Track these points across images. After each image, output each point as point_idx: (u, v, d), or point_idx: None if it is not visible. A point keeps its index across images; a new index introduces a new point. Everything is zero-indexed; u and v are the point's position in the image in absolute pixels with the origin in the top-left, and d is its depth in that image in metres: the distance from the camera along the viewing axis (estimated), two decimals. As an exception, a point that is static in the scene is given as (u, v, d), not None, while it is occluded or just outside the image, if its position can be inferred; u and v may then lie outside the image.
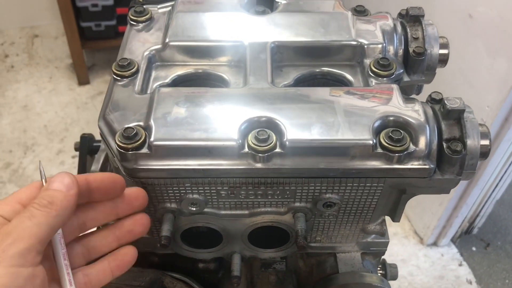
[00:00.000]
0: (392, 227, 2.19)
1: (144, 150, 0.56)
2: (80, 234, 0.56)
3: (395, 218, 0.65)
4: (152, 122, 0.57)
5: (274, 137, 0.56)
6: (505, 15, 1.46)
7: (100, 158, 0.91)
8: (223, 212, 0.64)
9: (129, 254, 0.57)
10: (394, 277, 0.97)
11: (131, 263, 0.58)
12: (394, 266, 0.96)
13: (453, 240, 2.16)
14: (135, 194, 0.57)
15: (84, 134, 1.01)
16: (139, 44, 0.70)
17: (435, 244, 2.15)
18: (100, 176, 0.54)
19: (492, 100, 1.59)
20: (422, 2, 1.81)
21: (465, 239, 2.18)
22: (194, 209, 0.62)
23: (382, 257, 0.95)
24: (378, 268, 0.93)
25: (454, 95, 0.59)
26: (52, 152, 2.41)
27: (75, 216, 0.53)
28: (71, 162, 2.34)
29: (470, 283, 2.05)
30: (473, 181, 1.85)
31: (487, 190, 1.96)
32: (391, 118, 0.57)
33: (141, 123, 0.57)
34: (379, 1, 2.07)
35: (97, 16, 2.49)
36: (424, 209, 2.08)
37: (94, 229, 0.58)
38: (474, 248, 2.16)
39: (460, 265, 2.10)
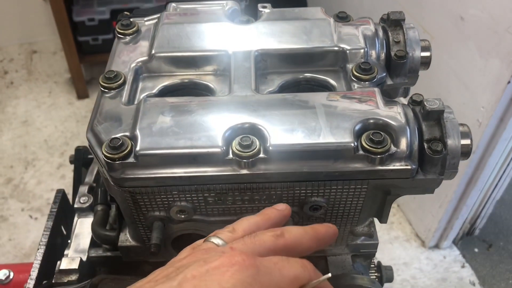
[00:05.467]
0: (393, 230, 2.19)
1: (131, 159, 0.57)
2: None
3: (382, 219, 0.66)
4: (138, 132, 0.58)
5: (258, 143, 0.57)
6: (495, 16, 1.47)
7: (93, 169, 0.93)
8: (212, 218, 0.64)
9: None
10: (390, 279, 0.97)
11: None
12: (389, 268, 0.96)
13: (454, 242, 2.15)
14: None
15: (78, 146, 1.02)
16: (126, 56, 0.71)
17: (437, 246, 2.15)
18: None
19: (486, 100, 1.59)
20: (414, 6, 1.83)
21: (466, 241, 2.17)
22: (182, 216, 0.63)
23: (379, 259, 0.96)
24: (374, 271, 0.94)
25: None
26: (53, 167, 2.42)
27: None
28: (72, 176, 2.35)
29: (474, 284, 2.04)
30: (472, 182, 1.85)
31: (486, 190, 1.96)
32: (372, 121, 0.58)
33: (127, 133, 0.59)
34: (371, 5, 2.09)
35: (94, 30, 2.52)
36: (425, 211, 2.08)
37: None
38: (476, 250, 2.16)
39: (463, 266, 2.10)
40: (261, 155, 0.57)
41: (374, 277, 0.94)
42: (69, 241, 0.85)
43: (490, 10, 1.49)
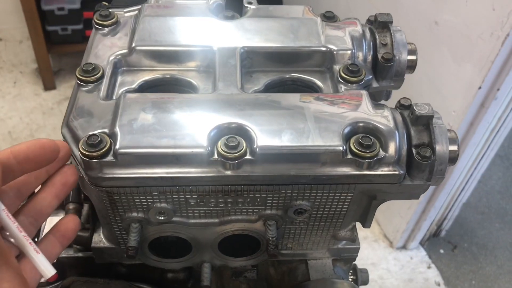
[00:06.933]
0: (362, 231, 2.21)
1: (109, 158, 0.54)
2: (21, 205, 0.52)
3: (366, 224, 0.65)
4: (117, 129, 0.55)
5: (244, 144, 0.55)
6: (469, 22, 1.49)
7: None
8: (192, 221, 0.62)
9: (71, 222, 0.56)
10: (365, 282, 0.97)
11: (76, 229, 0.57)
12: (365, 271, 0.96)
13: (421, 243, 2.19)
14: (56, 146, 0.52)
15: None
16: (105, 48, 0.68)
17: (404, 247, 2.18)
18: (25, 146, 0.49)
19: (458, 105, 1.62)
20: (388, 9, 1.84)
21: (433, 242, 2.21)
22: (162, 218, 0.60)
23: (353, 262, 0.95)
24: (349, 274, 0.93)
25: (421, 101, 0.60)
26: (16, 159, 2.34)
27: (8, 188, 0.50)
28: (36, 169, 2.27)
29: (438, 285, 2.08)
30: (440, 185, 1.89)
31: (454, 193, 2.00)
32: (361, 124, 0.57)
33: (106, 130, 0.56)
34: (347, 7, 2.09)
35: (64, 20, 2.44)
36: (393, 213, 2.11)
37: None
38: (442, 251, 2.20)
39: (429, 267, 2.14)
40: (248, 156, 0.55)
41: (350, 279, 0.94)
42: (37, 240, 0.80)
43: (464, 16, 1.51)
